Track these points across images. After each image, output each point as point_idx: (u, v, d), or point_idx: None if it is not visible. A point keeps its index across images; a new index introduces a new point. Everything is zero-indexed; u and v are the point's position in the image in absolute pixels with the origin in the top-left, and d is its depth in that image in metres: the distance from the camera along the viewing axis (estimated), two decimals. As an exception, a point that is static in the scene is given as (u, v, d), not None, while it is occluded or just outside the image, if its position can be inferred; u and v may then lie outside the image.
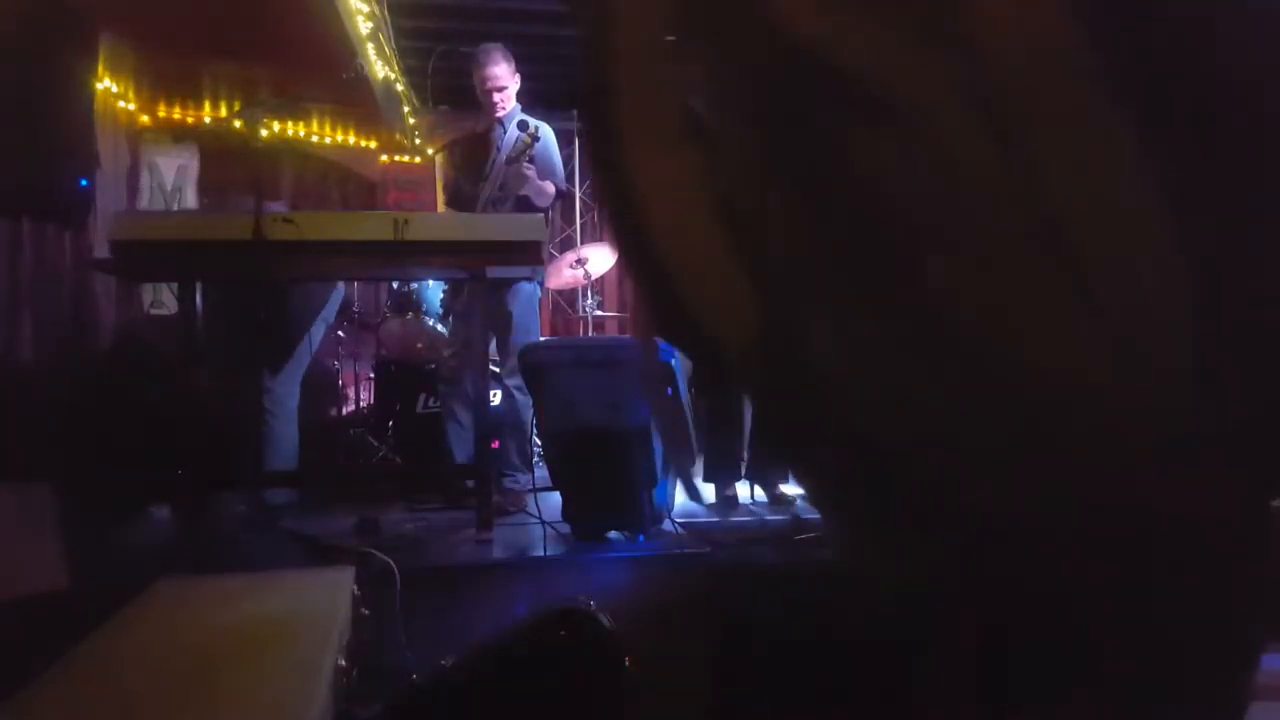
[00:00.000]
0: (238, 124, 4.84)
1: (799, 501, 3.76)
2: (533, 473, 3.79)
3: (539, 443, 3.75)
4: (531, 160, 3.71)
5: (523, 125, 3.76)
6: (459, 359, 3.85)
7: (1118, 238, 0.28)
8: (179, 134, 5.61)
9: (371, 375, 4.81)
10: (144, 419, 3.15)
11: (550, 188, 3.78)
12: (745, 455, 3.99)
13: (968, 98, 0.27)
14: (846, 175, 0.28)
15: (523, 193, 3.71)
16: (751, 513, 3.65)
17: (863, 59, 0.28)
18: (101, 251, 3.57)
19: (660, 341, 0.39)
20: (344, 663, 1.77)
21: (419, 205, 6.71)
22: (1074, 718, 0.33)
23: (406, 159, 6.77)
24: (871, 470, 0.32)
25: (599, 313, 6.11)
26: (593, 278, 5.59)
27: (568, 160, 6.62)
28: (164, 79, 5.28)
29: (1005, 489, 0.30)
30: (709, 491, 3.83)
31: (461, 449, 3.79)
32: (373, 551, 2.55)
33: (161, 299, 5.05)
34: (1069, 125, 0.28)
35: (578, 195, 6.99)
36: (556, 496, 3.19)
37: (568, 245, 6.52)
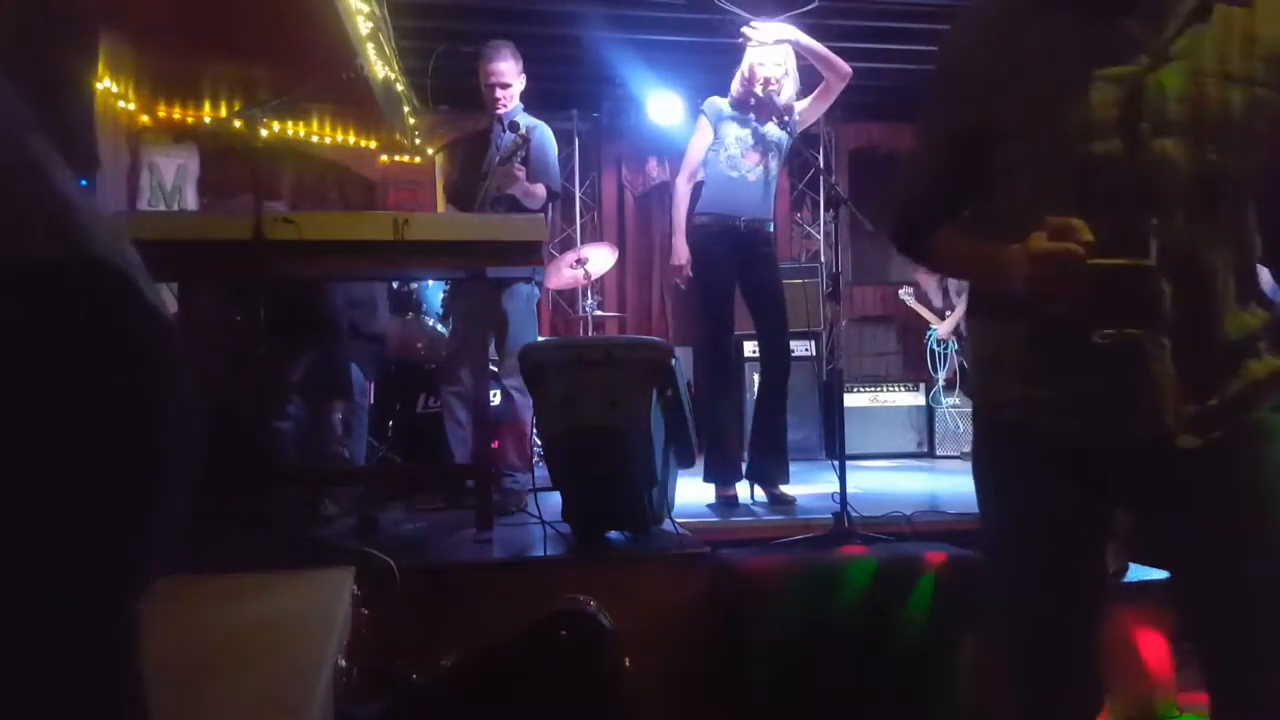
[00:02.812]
0: (238, 124, 4.83)
1: (798, 501, 3.76)
2: (533, 473, 3.79)
3: (539, 443, 3.75)
4: (524, 161, 3.69)
5: (513, 126, 3.73)
6: (458, 359, 3.85)
7: None
8: (179, 134, 5.59)
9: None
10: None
11: (540, 190, 3.75)
12: (745, 455, 3.99)
13: None
14: None
15: (509, 191, 3.70)
16: (751, 513, 3.65)
17: None
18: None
19: (661, 341, 0.40)
20: (344, 663, 1.78)
21: (419, 205, 6.70)
22: None
23: (406, 159, 6.76)
24: None
25: (599, 313, 6.11)
26: (593, 278, 5.59)
27: (567, 160, 6.63)
28: (164, 79, 5.27)
29: None
30: (709, 492, 3.83)
31: (461, 449, 3.79)
32: (373, 551, 2.55)
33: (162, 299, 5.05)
34: None
35: (577, 195, 6.99)
36: (556, 496, 3.19)
37: (568, 245, 6.52)
